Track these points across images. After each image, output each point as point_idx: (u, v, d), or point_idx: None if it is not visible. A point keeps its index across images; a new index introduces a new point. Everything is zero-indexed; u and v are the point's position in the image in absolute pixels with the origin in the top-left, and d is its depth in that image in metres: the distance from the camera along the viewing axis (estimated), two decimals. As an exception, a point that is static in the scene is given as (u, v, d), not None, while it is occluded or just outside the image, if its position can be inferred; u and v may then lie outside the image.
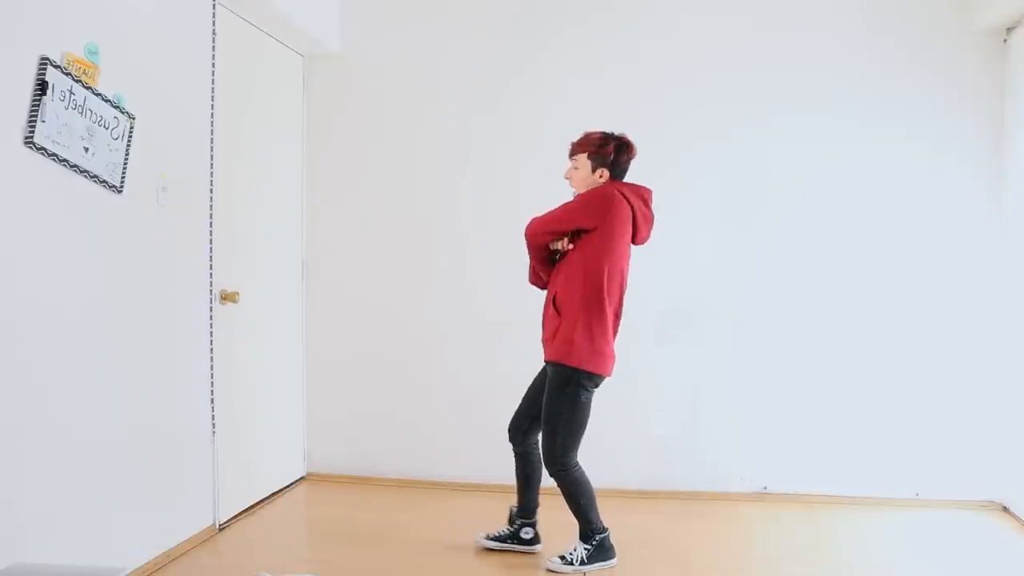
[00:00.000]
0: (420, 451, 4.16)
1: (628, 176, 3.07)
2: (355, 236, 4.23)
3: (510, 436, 3.19)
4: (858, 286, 3.87)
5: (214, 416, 3.33)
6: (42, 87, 2.32)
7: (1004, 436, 3.71)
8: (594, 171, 2.99)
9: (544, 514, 3.57)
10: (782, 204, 3.91)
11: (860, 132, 3.85)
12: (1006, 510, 3.71)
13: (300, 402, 4.23)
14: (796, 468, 3.91)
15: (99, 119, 2.57)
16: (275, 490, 3.93)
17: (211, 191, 3.29)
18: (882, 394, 3.86)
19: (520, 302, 3.38)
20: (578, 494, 3.01)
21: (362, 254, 4.23)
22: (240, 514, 3.56)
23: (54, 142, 2.38)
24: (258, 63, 3.78)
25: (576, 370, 2.91)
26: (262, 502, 3.77)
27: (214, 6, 3.31)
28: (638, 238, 3.05)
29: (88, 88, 2.51)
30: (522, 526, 3.19)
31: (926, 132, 3.83)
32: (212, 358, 3.31)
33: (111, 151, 2.64)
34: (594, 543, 3.01)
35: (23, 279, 2.33)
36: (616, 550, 3.07)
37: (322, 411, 4.26)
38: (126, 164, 2.72)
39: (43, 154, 2.36)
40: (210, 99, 3.28)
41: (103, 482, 2.65)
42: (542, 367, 3.15)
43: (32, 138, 2.30)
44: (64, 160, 2.44)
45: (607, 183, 2.99)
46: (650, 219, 3.07)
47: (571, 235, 2.97)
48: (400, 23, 4.19)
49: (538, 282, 3.15)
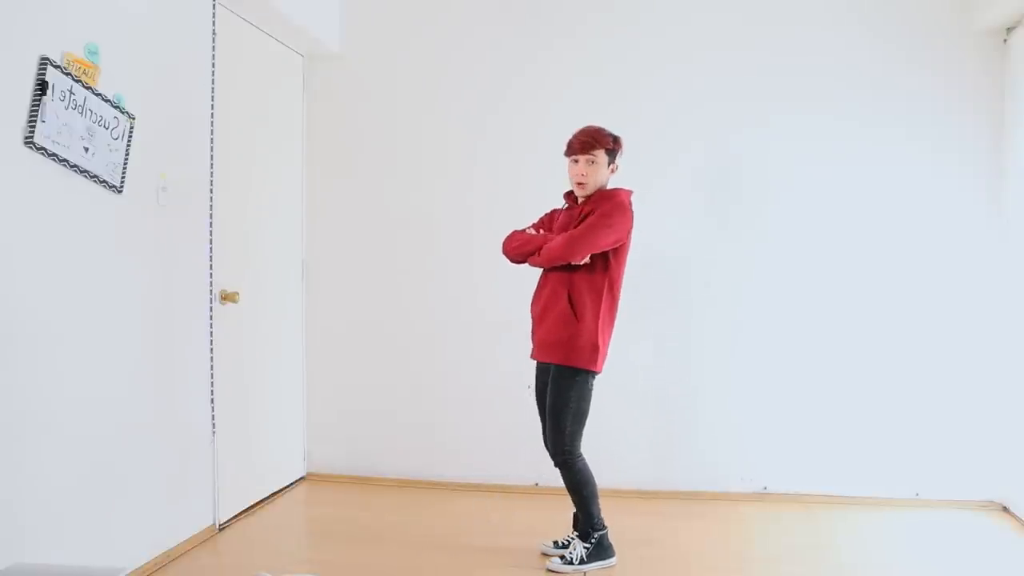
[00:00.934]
0: (420, 451, 4.16)
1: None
2: (355, 236, 4.23)
3: (550, 452, 3.12)
4: (858, 286, 3.87)
5: (214, 416, 3.33)
6: (42, 87, 2.32)
7: (1004, 436, 3.71)
8: (608, 166, 3.01)
9: (544, 514, 3.58)
10: (782, 204, 3.91)
11: (860, 132, 3.85)
12: (1006, 510, 3.71)
13: (300, 402, 4.23)
14: (796, 468, 3.91)
15: (99, 119, 2.57)
16: (275, 490, 3.93)
17: (211, 191, 3.29)
18: (882, 394, 3.86)
19: (520, 302, 3.37)
20: (581, 484, 3.00)
21: (362, 254, 4.23)
22: (240, 514, 3.56)
23: (54, 142, 2.38)
24: (258, 63, 3.78)
25: (590, 370, 2.97)
26: (262, 502, 3.77)
27: (214, 6, 3.31)
28: None
29: (88, 88, 2.51)
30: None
31: (926, 132, 3.83)
32: (212, 358, 3.31)
33: (111, 151, 2.64)
34: (593, 541, 3.01)
35: (23, 279, 2.33)
36: (616, 549, 3.07)
37: (322, 411, 4.26)
38: (126, 164, 2.72)
39: (43, 154, 2.36)
40: (210, 99, 3.28)
41: (103, 482, 2.65)
42: (538, 372, 3.14)
43: (32, 138, 2.30)
44: (64, 160, 2.44)
45: (615, 189, 3.04)
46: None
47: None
48: (400, 23, 4.19)
49: (525, 260, 3.10)
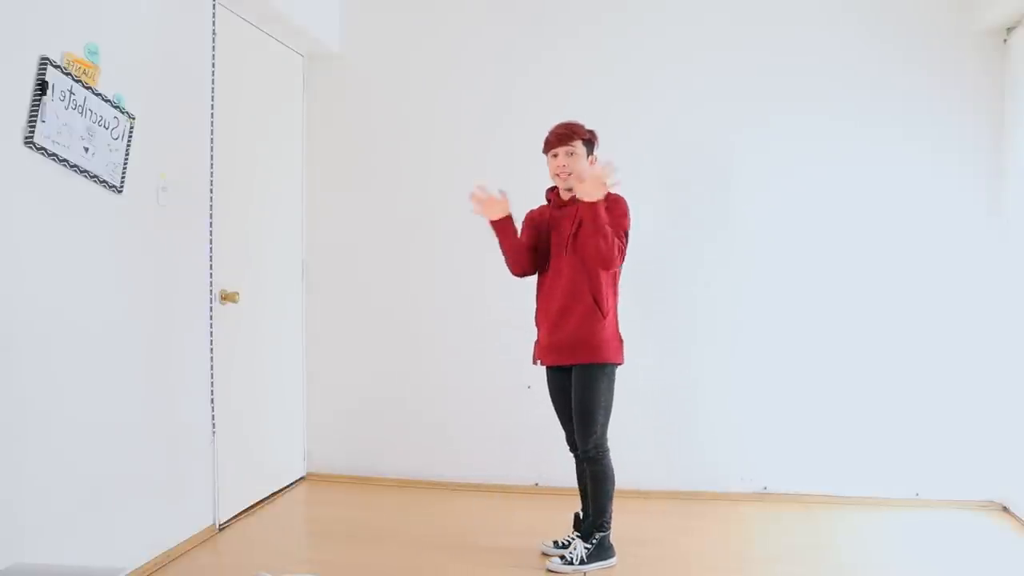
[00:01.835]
0: (420, 451, 4.16)
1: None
2: (355, 236, 4.23)
3: (573, 450, 3.13)
4: (858, 286, 3.87)
5: (214, 416, 3.33)
6: (42, 87, 2.32)
7: (1004, 436, 3.70)
8: (587, 157, 3.04)
9: (544, 514, 3.57)
10: (783, 205, 3.91)
11: (860, 132, 3.85)
12: (1006, 510, 3.71)
13: (300, 402, 4.23)
14: (796, 468, 3.91)
15: (99, 119, 2.57)
16: (275, 490, 3.93)
17: (211, 191, 3.29)
18: (881, 394, 3.85)
19: (520, 302, 3.37)
20: (604, 479, 3.02)
21: (362, 254, 4.23)
22: (240, 514, 3.56)
23: (54, 142, 2.38)
24: (258, 63, 3.78)
25: (618, 363, 3.03)
26: (262, 502, 3.77)
27: (214, 6, 3.31)
28: None
29: (88, 88, 2.51)
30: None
31: (926, 132, 3.82)
32: (212, 358, 3.31)
33: (111, 151, 2.64)
34: (594, 541, 3.01)
35: (23, 279, 2.33)
36: (616, 550, 3.06)
37: (322, 411, 4.26)
38: (126, 164, 2.72)
39: (43, 154, 2.36)
40: (210, 99, 3.29)
41: (103, 482, 2.65)
42: (553, 375, 3.11)
43: (32, 138, 2.30)
44: (64, 160, 2.44)
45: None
46: None
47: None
48: (400, 23, 4.19)
49: (526, 271, 3.13)
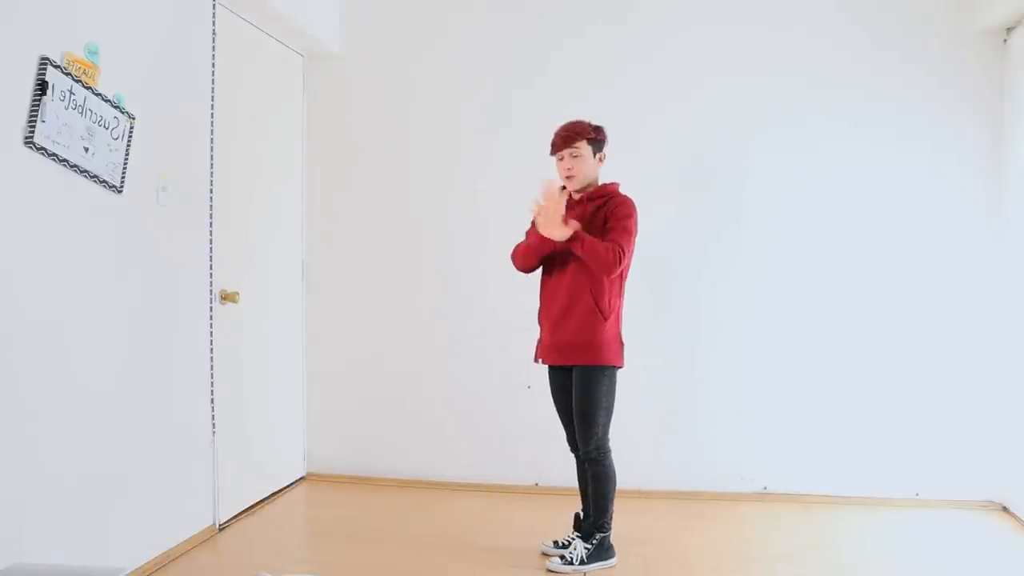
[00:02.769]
0: (420, 451, 4.16)
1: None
2: (355, 236, 4.23)
3: (574, 450, 3.13)
4: (858, 286, 3.87)
5: (214, 416, 3.33)
6: (42, 87, 2.32)
7: (1004, 436, 3.71)
8: (594, 156, 3.02)
9: (544, 514, 3.57)
10: (784, 206, 3.91)
11: (859, 132, 3.85)
12: (1006, 510, 3.71)
13: (300, 402, 4.23)
14: (796, 468, 3.91)
15: (99, 119, 2.57)
16: (275, 490, 3.93)
17: (211, 191, 3.29)
18: (881, 394, 3.86)
19: (520, 302, 3.37)
20: (606, 479, 3.01)
21: (362, 254, 4.23)
22: (240, 514, 3.56)
23: (54, 142, 2.38)
24: (258, 63, 3.78)
25: (617, 365, 3.02)
26: (262, 502, 3.77)
27: (214, 6, 3.31)
28: None
29: (88, 88, 2.51)
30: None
31: (925, 132, 3.82)
32: (212, 358, 3.31)
33: (111, 151, 2.64)
34: (594, 542, 3.01)
35: (23, 279, 2.33)
36: (616, 550, 3.06)
37: (322, 411, 4.26)
38: (126, 164, 2.72)
39: (43, 154, 2.36)
40: (210, 99, 3.29)
41: (103, 482, 2.65)
42: (554, 375, 3.11)
43: (32, 138, 2.30)
44: (64, 160, 2.44)
45: (610, 184, 3.05)
46: None
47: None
48: (400, 23, 4.19)
49: (529, 270, 3.13)
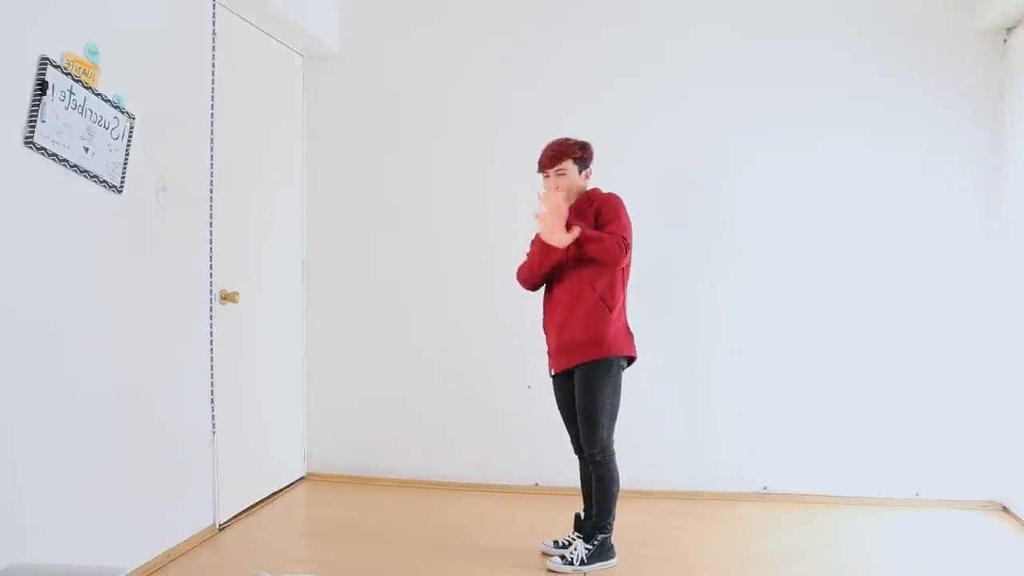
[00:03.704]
0: (420, 451, 4.16)
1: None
2: (355, 236, 4.23)
3: (578, 452, 3.13)
4: (858, 286, 3.87)
5: (214, 416, 3.33)
6: (42, 87, 2.32)
7: (1004, 436, 3.70)
8: (580, 173, 3.05)
9: (544, 514, 3.57)
10: (784, 207, 3.91)
11: (859, 132, 3.84)
12: (1006, 510, 3.71)
13: (300, 402, 4.22)
14: (796, 468, 3.91)
15: (99, 119, 2.57)
16: (275, 490, 3.93)
17: (211, 191, 3.29)
18: (881, 394, 3.85)
19: (520, 302, 3.37)
20: (610, 483, 3.02)
21: (362, 254, 4.23)
22: (240, 514, 3.56)
23: (54, 142, 2.38)
24: (258, 63, 3.78)
25: (618, 356, 3.00)
26: (262, 502, 3.77)
27: (214, 6, 3.31)
28: None
29: (88, 88, 2.51)
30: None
31: (925, 132, 3.82)
32: (212, 358, 3.31)
33: (111, 151, 2.64)
34: (595, 542, 3.01)
35: (23, 279, 2.33)
36: (616, 550, 3.06)
37: (322, 411, 4.26)
38: (126, 164, 2.72)
39: (43, 154, 2.36)
40: (210, 99, 3.29)
41: (103, 482, 2.65)
42: (559, 382, 3.11)
43: (32, 138, 2.30)
44: (64, 160, 2.44)
45: (592, 189, 3.07)
46: None
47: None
48: (400, 23, 4.19)
49: (537, 285, 3.15)
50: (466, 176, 4.14)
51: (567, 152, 3.02)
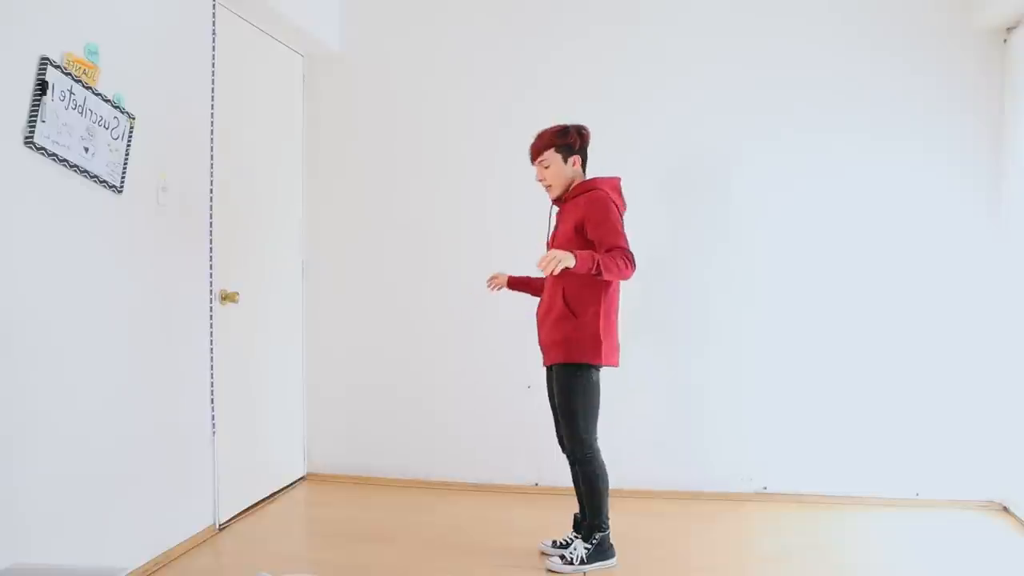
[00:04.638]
0: (420, 451, 4.16)
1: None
2: (355, 236, 4.23)
3: (564, 449, 3.13)
4: (859, 286, 3.87)
5: (214, 416, 3.33)
6: (42, 87, 2.32)
7: (1004, 436, 3.70)
8: (566, 161, 3.03)
9: (544, 514, 3.57)
10: (783, 207, 3.91)
11: (858, 133, 3.84)
12: (1006, 510, 3.71)
13: (300, 402, 4.23)
14: (796, 468, 3.91)
15: (99, 119, 2.57)
16: (275, 490, 3.93)
17: (211, 191, 3.30)
18: (882, 394, 3.85)
19: (521, 302, 3.38)
20: (597, 480, 3.00)
21: (362, 254, 4.23)
22: (240, 514, 3.56)
23: (54, 142, 2.38)
24: (258, 63, 3.78)
25: (583, 363, 2.95)
26: (262, 502, 3.77)
27: (214, 6, 3.31)
28: None
29: (88, 88, 2.51)
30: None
31: (925, 132, 3.82)
32: (212, 358, 3.31)
33: (111, 151, 2.64)
34: (594, 541, 3.01)
35: (23, 279, 2.33)
36: (616, 550, 3.06)
37: (322, 411, 4.26)
38: (126, 164, 2.72)
39: (43, 154, 2.36)
40: (210, 99, 3.29)
41: (103, 482, 2.65)
42: (547, 376, 3.13)
43: (32, 138, 2.30)
44: (64, 160, 2.44)
45: (591, 180, 3.02)
46: (625, 206, 3.08)
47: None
48: (400, 23, 4.19)
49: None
50: (466, 176, 4.14)
51: (547, 143, 3.03)
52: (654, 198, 3.93)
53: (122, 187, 2.71)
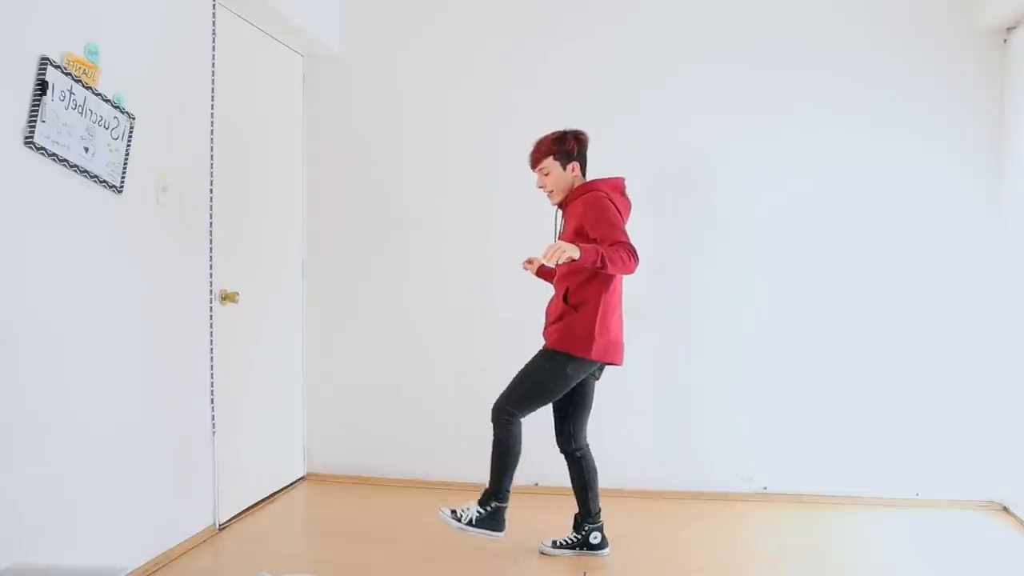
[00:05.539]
0: (420, 451, 4.16)
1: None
2: (355, 236, 4.23)
3: (559, 446, 3.16)
4: (858, 287, 3.87)
5: (214, 416, 3.33)
6: (42, 87, 2.32)
7: (1004, 436, 3.70)
8: (565, 168, 3.06)
9: (544, 514, 3.57)
10: (783, 207, 3.91)
11: (858, 133, 3.84)
12: (1006, 510, 3.71)
13: (300, 402, 4.23)
14: (796, 468, 3.91)
15: (99, 119, 2.57)
16: (275, 490, 3.93)
17: (211, 191, 3.29)
18: (882, 394, 3.85)
19: (520, 301, 3.38)
20: (504, 448, 2.97)
21: (362, 254, 4.23)
22: (240, 514, 3.56)
23: (54, 142, 2.38)
24: (258, 63, 3.78)
25: (567, 352, 2.97)
26: (262, 502, 3.77)
27: (214, 6, 3.31)
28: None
29: (88, 88, 2.51)
30: (590, 531, 3.17)
31: (925, 132, 3.82)
32: (212, 358, 3.31)
33: (111, 151, 2.64)
34: (488, 509, 2.99)
35: (23, 279, 2.33)
36: (615, 549, 3.06)
37: (322, 411, 4.26)
38: (126, 164, 2.72)
39: (43, 154, 2.36)
40: (210, 99, 3.29)
41: (103, 482, 2.65)
42: None
43: (32, 138, 2.30)
44: (64, 160, 2.44)
45: (590, 183, 3.05)
46: (628, 206, 3.10)
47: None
48: (400, 23, 4.19)
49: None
50: (467, 176, 4.14)
51: (545, 151, 3.07)
52: (654, 198, 3.92)
53: (122, 187, 2.71)
